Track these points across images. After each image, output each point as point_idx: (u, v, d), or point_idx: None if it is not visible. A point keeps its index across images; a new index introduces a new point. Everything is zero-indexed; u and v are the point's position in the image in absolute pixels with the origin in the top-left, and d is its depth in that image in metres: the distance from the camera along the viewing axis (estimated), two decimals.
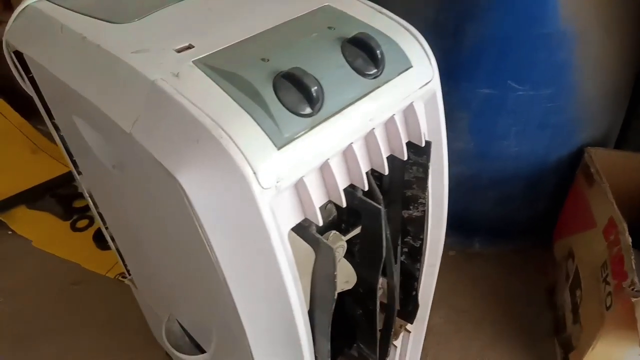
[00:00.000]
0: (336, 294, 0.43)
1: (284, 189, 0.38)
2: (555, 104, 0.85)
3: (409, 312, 0.67)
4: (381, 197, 0.46)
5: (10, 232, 1.22)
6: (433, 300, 0.75)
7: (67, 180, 1.32)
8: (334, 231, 0.55)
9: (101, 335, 1.00)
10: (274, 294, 0.41)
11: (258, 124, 0.37)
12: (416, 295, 0.64)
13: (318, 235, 0.42)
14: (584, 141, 0.95)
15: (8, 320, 1.03)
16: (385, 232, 0.45)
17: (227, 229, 0.38)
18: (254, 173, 0.36)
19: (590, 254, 0.87)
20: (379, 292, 0.69)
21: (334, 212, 0.57)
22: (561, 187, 1.02)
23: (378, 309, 0.50)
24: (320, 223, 0.41)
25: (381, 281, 0.69)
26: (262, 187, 0.36)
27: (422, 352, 0.84)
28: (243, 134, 0.36)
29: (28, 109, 1.35)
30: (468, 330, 1.03)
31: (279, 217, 0.39)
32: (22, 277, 1.12)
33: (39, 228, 1.23)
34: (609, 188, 0.84)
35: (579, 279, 0.90)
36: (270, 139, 0.37)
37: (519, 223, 1.12)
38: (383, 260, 0.46)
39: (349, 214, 0.55)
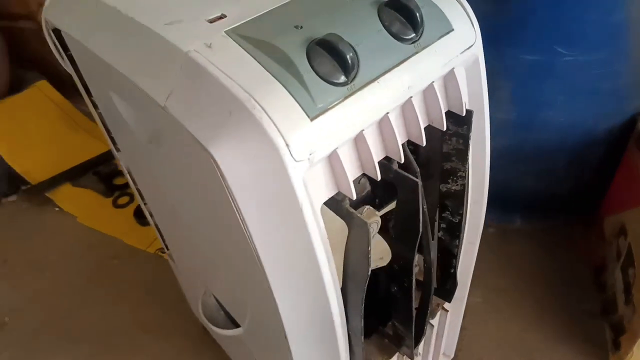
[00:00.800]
0: (370, 271, 0.42)
1: (317, 161, 0.37)
2: (606, 69, 0.79)
3: (446, 290, 0.65)
4: (418, 169, 0.44)
5: (57, 209, 1.28)
6: (471, 279, 0.73)
7: (107, 158, 1.36)
8: (367, 206, 0.54)
9: (138, 309, 1.04)
10: (306, 269, 0.40)
11: (291, 95, 0.36)
12: (454, 273, 0.62)
13: (352, 210, 0.40)
14: (636, 109, 0.88)
15: (52, 291, 1.10)
16: (422, 207, 0.43)
17: (259, 202, 0.38)
18: (287, 145, 0.35)
19: None
20: (415, 270, 0.69)
21: (368, 187, 0.55)
22: (609, 159, 0.96)
23: (414, 287, 0.49)
24: (354, 197, 0.40)
25: (417, 258, 0.68)
26: (295, 160, 0.35)
27: (459, 333, 0.83)
28: (275, 105, 0.35)
29: (70, 89, 1.40)
30: (507, 310, 1.00)
31: (312, 190, 0.38)
32: (67, 251, 1.18)
33: (83, 205, 1.28)
34: None
35: (632, 258, 0.85)
36: (303, 110, 0.36)
37: (563, 198, 1.07)
38: (419, 236, 0.45)
39: (384, 188, 0.54)
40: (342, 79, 0.38)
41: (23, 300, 1.08)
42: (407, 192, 0.44)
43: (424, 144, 0.44)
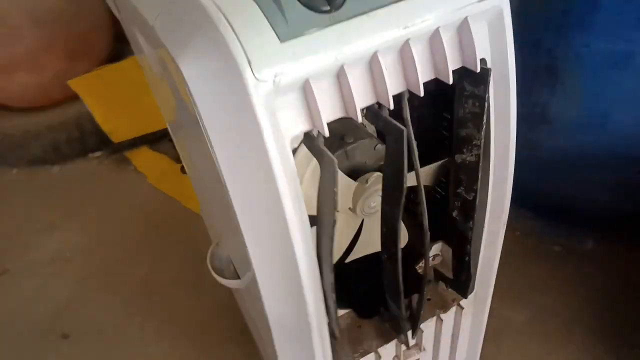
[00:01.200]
0: (337, 215, 0.39)
1: (286, 87, 0.36)
2: None
3: (461, 283, 0.59)
4: (409, 118, 0.40)
5: (132, 168, 1.40)
6: (518, 295, 0.65)
7: None
8: (377, 172, 0.51)
9: (181, 267, 1.11)
10: (270, 201, 0.39)
11: (264, 15, 0.35)
12: (469, 263, 0.55)
13: (323, 147, 0.38)
14: None
15: (112, 242, 1.21)
16: (406, 159, 0.39)
17: (227, 125, 0.37)
18: (249, 62, 0.34)
19: None
20: (438, 260, 0.63)
21: None
22: None
23: (400, 254, 0.45)
24: (326, 134, 0.37)
25: (440, 247, 0.62)
26: (257, 79, 0.34)
27: (494, 349, 0.74)
28: (245, 23, 0.34)
29: None
30: (554, 335, 0.88)
31: (281, 119, 0.37)
32: (135, 206, 1.29)
33: (155, 167, 1.40)
34: None
35: None
36: (274, 30, 0.35)
37: None
38: (404, 192, 0.41)
39: None
40: (325, 6, 0.36)
41: (88, 243, 1.20)
42: (393, 141, 0.40)
43: (422, 94, 0.40)
